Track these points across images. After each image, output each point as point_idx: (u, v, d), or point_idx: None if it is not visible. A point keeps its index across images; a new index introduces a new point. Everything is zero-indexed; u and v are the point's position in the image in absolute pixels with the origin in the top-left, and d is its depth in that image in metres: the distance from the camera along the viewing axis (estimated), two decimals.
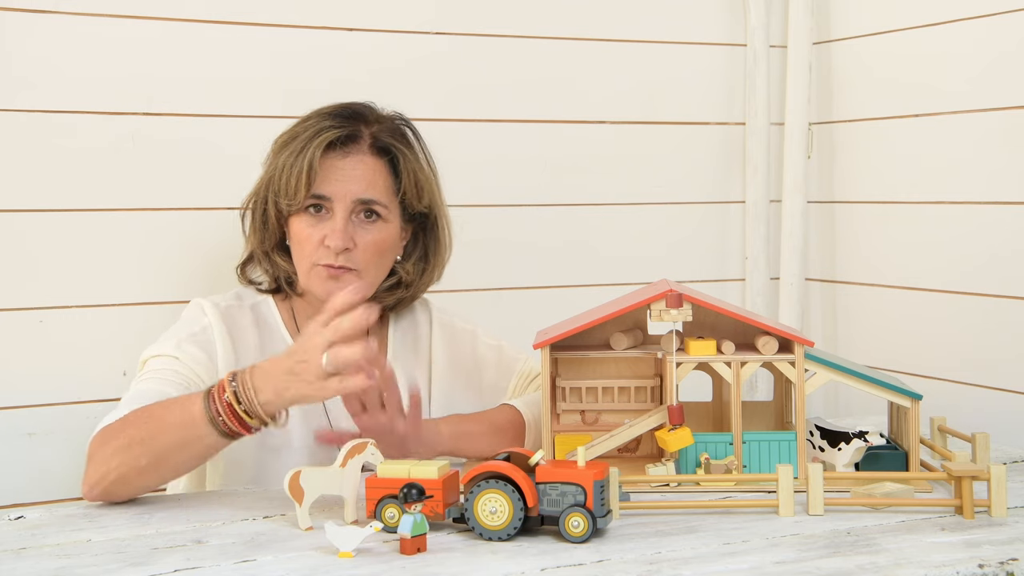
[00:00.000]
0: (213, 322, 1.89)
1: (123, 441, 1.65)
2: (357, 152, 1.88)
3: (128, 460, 1.64)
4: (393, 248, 1.93)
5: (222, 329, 1.88)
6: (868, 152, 2.55)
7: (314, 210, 1.87)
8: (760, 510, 1.63)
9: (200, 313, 1.91)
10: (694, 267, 2.62)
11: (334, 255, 1.85)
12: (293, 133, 1.89)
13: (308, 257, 1.87)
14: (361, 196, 1.87)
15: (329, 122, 1.88)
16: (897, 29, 2.46)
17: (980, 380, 2.30)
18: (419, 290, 2.00)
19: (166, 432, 1.64)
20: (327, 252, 1.85)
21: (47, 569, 1.43)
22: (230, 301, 1.94)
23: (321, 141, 1.85)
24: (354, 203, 1.87)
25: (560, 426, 1.84)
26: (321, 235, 1.85)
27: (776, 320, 2.36)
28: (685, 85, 2.60)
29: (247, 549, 1.49)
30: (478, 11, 2.40)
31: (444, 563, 1.42)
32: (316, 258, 1.86)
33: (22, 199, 2.07)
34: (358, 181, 1.87)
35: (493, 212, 2.44)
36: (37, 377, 2.08)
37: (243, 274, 1.98)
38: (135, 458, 1.64)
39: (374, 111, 1.94)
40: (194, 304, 1.93)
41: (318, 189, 1.85)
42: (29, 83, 2.06)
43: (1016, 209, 2.23)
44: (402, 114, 1.97)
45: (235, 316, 1.92)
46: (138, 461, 1.64)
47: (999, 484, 1.59)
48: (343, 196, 1.86)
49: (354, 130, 1.89)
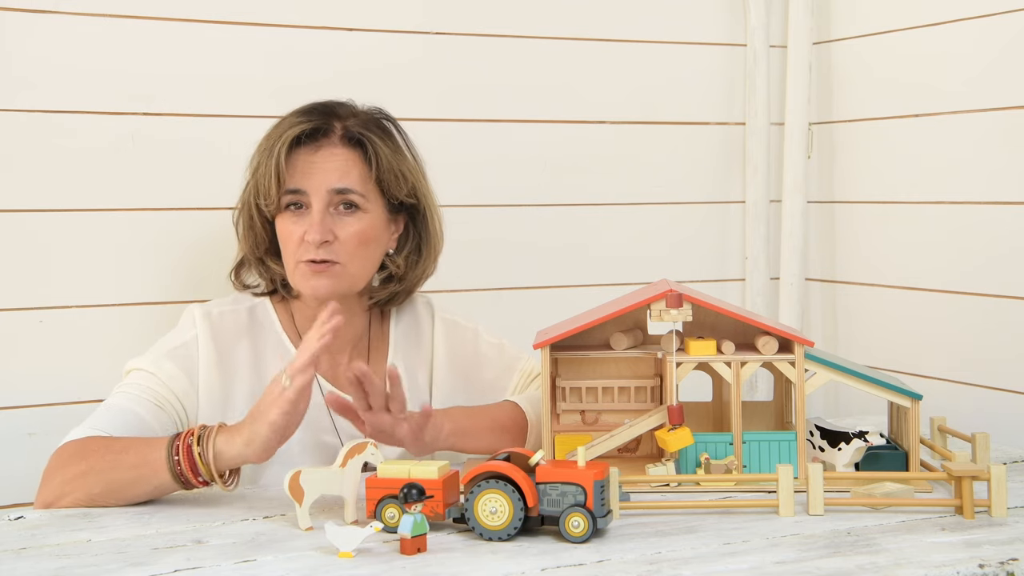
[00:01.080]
0: (200, 333, 1.87)
1: (80, 468, 1.70)
2: (328, 145, 1.88)
3: (83, 487, 1.70)
4: (378, 239, 1.91)
5: (208, 341, 1.87)
6: (868, 152, 2.55)
7: (294, 207, 1.87)
8: (760, 510, 1.63)
9: (190, 324, 1.89)
10: (694, 267, 2.62)
11: (314, 249, 1.85)
12: (267, 135, 1.90)
13: (292, 255, 1.87)
14: (335, 186, 1.86)
15: (298, 118, 1.88)
16: (897, 29, 2.46)
17: (980, 380, 2.30)
18: (413, 284, 1.99)
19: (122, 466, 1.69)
20: (308, 247, 1.85)
21: (47, 569, 1.43)
22: (226, 307, 1.93)
23: (286, 138, 1.85)
24: (329, 194, 1.86)
25: (560, 426, 1.84)
26: (301, 231, 1.85)
27: (776, 320, 2.36)
28: (685, 85, 2.60)
29: (247, 549, 1.49)
30: (478, 11, 2.40)
31: (444, 563, 1.42)
32: (299, 255, 1.86)
33: (22, 199, 2.07)
34: (331, 172, 1.86)
35: (493, 212, 2.44)
36: (37, 377, 2.08)
37: (237, 279, 1.98)
38: (90, 486, 1.69)
39: (349, 107, 1.93)
40: (187, 314, 1.92)
41: (291, 184, 1.85)
42: (29, 83, 2.06)
43: (1016, 209, 2.23)
44: (382, 109, 1.96)
45: (227, 324, 1.91)
46: (92, 489, 1.69)
47: (999, 484, 1.59)
48: (317, 188, 1.85)
49: (324, 124, 1.88)
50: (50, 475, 1.73)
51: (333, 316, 1.65)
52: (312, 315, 1.90)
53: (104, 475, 1.69)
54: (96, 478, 1.69)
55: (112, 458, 1.70)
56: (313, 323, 1.78)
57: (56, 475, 1.72)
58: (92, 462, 1.70)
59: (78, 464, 1.70)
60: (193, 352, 1.87)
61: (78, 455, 1.72)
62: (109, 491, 1.69)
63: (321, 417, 1.89)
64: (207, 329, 1.88)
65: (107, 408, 1.82)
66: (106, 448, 1.71)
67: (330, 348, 1.82)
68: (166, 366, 1.85)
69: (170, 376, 1.84)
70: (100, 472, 1.69)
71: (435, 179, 2.39)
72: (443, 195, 2.40)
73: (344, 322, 1.69)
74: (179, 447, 1.67)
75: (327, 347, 1.64)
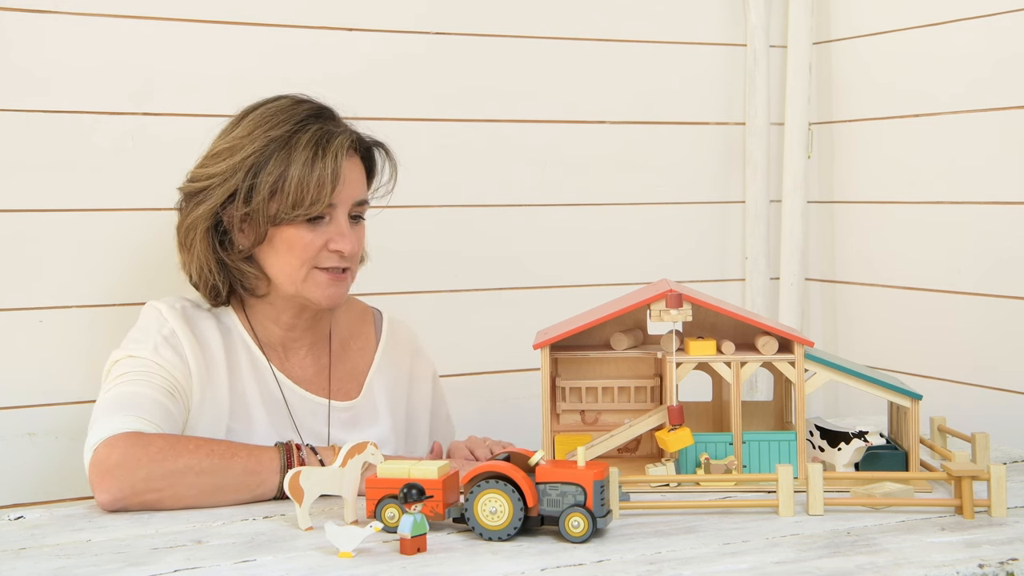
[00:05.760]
0: (176, 326, 1.85)
1: (175, 466, 1.66)
2: (350, 155, 1.87)
3: (175, 486, 1.65)
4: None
5: (187, 332, 1.85)
6: (868, 152, 2.55)
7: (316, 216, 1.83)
8: (760, 510, 1.63)
9: (160, 318, 1.86)
10: (694, 267, 2.62)
11: (340, 259, 1.84)
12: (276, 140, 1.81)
13: (306, 264, 1.83)
14: (359, 198, 1.87)
15: (323, 124, 1.84)
16: (897, 29, 2.46)
17: (980, 380, 2.30)
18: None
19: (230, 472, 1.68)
20: (332, 257, 1.83)
21: (47, 569, 1.43)
22: (184, 303, 1.90)
23: (339, 145, 1.81)
24: (352, 205, 1.86)
25: (560, 426, 1.84)
26: (323, 240, 1.82)
27: (776, 320, 2.36)
28: (685, 85, 2.60)
29: (247, 549, 1.49)
30: (478, 11, 2.40)
31: (444, 563, 1.42)
32: (316, 262, 1.83)
33: (22, 199, 2.07)
34: (354, 183, 1.86)
35: (493, 212, 2.44)
36: (37, 377, 2.08)
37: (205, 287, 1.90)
38: (185, 487, 1.65)
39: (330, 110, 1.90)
40: (150, 308, 1.89)
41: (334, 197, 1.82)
42: (29, 83, 2.06)
43: (1016, 209, 2.23)
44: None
45: (194, 317, 1.88)
46: (188, 491, 1.66)
47: (999, 484, 1.59)
48: (345, 200, 1.84)
49: (349, 133, 1.87)
50: (123, 464, 1.65)
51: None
52: (276, 316, 1.91)
53: (209, 478, 1.66)
54: (197, 479, 1.65)
55: (218, 461, 1.67)
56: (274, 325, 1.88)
57: (136, 468, 1.65)
58: (192, 461, 1.66)
59: (173, 461, 1.66)
60: (179, 342, 1.84)
61: (171, 451, 1.66)
62: (206, 493, 1.66)
63: (281, 415, 1.90)
64: (180, 321, 1.86)
65: (128, 396, 1.76)
66: (209, 449, 1.68)
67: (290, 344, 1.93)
68: (165, 353, 1.82)
69: (171, 363, 1.82)
70: (203, 473, 1.66)
71: (435, 179, 2.40)
72: (443, 195, 2.41)
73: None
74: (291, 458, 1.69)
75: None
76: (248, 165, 1.81)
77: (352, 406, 1.95)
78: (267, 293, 1.89)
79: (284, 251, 1.84)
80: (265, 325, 1.92)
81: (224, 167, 1.83)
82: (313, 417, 1.90)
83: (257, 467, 1.68)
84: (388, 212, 2.08)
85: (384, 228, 2.12)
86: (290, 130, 1.82)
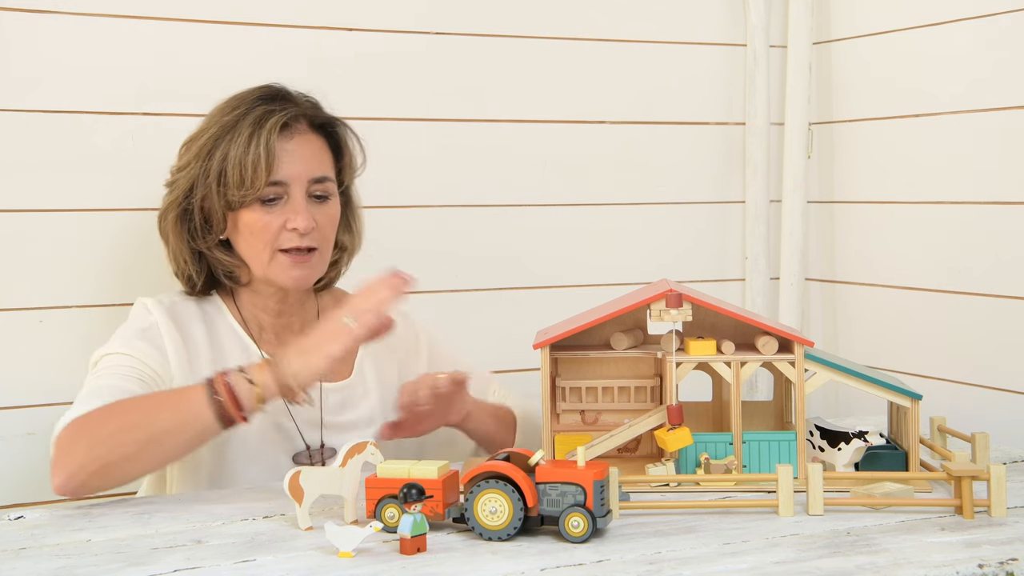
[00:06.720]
0: (159, 320, 1.87)
1: (109, 429, 1.66)
2: (300, 132, 1.88)
3: (114, 448, 1.65)
4: (337, 224, 1.94)
5: (169, 325, 1.87)
6: (868, 152, 2.55)
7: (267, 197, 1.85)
8: (760, 510, 1.63)
9: (145, 312, 1.89)
10: (694, 267, 2.62)
11: (300, 238, 1.84)
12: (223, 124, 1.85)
13: (268, 246, 1.85)
14: (315, 175, 1.87)
15: (267, 106, 1.86)
16: (897, 29, 2.46)
17: (980, 380, 2.30)
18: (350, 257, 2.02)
19: (159, 417, 1.66)
20: (291, 236, 1.85)
21: (47, 569, 1.43)
22: (174, 297, 1.93)
23: (273, 124, 1.84)
24: (308, 183, 1.86)
25: (560, 426, 1.84)
26: (280, 221, 1.84)
27: (776, 320, 2.36)
28: (685, 85, 2.60)
29: (247, 549, 1.49)
30: (478, 11, 2.40)
31: (444, 563, 1.42)
32: (278, 244, 1.85)
33: (22, 199, 2.07)
34: (310, 160, 1.87)
35: (493, 212, 2.44)
36: (37, 377, 2.08)
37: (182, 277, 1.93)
38: (121, 445, 1.65)
39: (295, 93, 1.93)
40: (138, 304, 1.92)
41: (275, 176, 1.84)
42: (29, 83, 2.06)
43: (1016, 209, 2.23)
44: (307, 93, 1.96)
45: (181, 310, 1.90)
46: (125, 448, 1.65)
47: (999, 484, 1.59)
48: (298, 177, 1.85)
49: (293, 111, 1.88)
50: (68, 446, 1.66)
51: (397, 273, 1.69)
52: (263, 303, 1.92)
53: (142, 430, 1.65)
54: (132, 435, 1.65)
55: (147, 411, 1.67)
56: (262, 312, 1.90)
57: (79, 443, 1.66)
58: (124, 420, 1.67)
59: (106, 425, 1.66)
60: (159, 333, 1.86)
61: (102, 419, 1.67)
62: (147, 445, 1.65)
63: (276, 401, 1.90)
64: (164, 315, 1.87)
65: (97, 388, 1.77)
66: (135, 405, 1.69)
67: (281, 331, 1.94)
68: (138, 345, 1.84)
69: (145, 354, 1.83)
70: (136, 427, 1.66)
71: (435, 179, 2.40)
72: (443, 195, 2.41)
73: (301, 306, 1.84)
74: (215, 385, 1.66)
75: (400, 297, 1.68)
76: (204, 152, 1.86)
77: (344, 387, 1.97)
78: (250, 281, 1.92)
79: (248, 235, 1.86)
80: (254, 313, 1.94)
81: (187, 158, 1.88)
82: None
83: (184, 403, 1.67)
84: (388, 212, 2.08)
85: (384, 228, 2.12)
86: (239, 114, 1.86)
